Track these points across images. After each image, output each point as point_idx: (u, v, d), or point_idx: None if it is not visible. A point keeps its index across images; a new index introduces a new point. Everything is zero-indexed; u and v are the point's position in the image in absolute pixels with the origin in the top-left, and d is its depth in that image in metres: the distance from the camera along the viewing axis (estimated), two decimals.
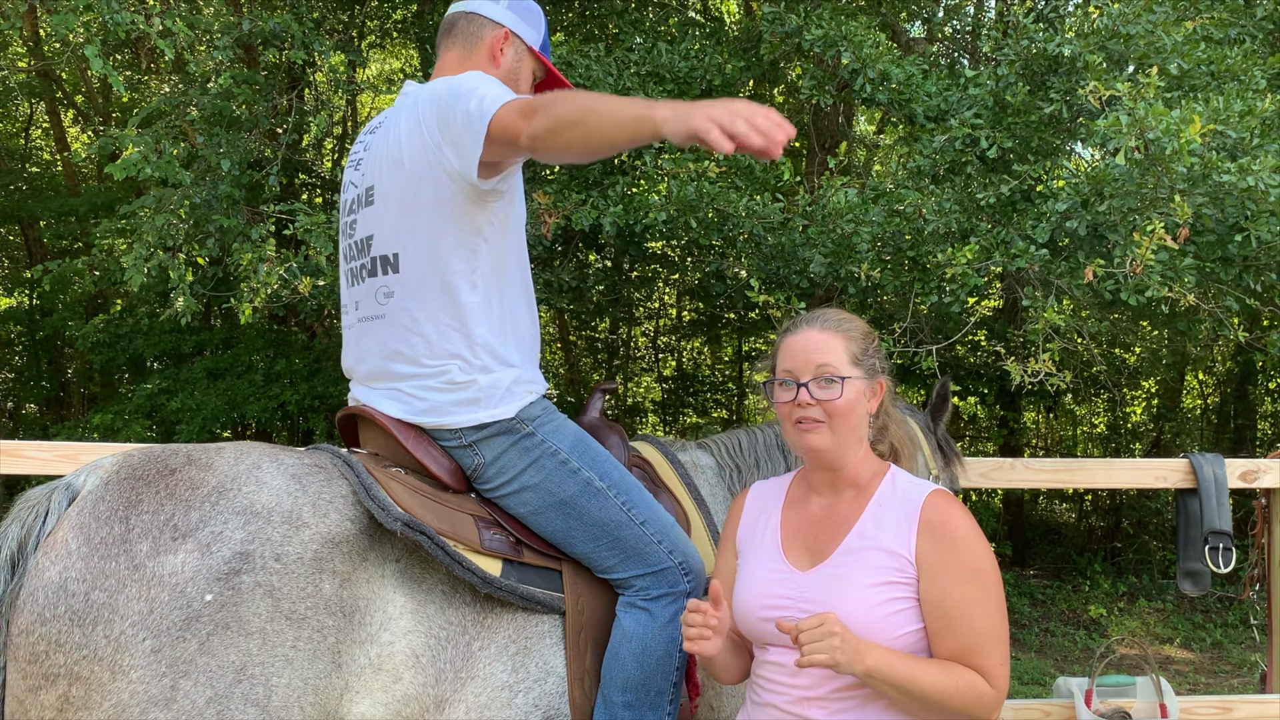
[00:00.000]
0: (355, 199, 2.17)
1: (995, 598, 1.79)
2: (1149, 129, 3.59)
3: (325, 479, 1.85)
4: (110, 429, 7.82)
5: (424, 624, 1.85)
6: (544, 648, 1.96)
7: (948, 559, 1.78)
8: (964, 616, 1.77)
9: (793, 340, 1.91)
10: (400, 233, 2.03)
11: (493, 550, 1.95)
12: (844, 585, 1.80)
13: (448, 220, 1.99)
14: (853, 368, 1.87)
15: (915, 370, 6.33)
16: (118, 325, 8.71)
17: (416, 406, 2.02)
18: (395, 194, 2.03)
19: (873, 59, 5.00)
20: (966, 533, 1.79)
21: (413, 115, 2.01)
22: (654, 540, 2.04)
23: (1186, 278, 4.03)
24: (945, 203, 4.63)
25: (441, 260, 2.01)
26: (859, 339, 1.91)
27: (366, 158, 2.15)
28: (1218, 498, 2.99)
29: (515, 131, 1.83)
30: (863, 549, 1.83)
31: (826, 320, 1.93)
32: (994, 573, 1.79)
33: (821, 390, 1.84)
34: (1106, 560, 9.11)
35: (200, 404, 7.79)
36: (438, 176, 1.97)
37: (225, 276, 6.64)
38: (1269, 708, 3.00)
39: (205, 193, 5.84)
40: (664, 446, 2.38)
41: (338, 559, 1.77)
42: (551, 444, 2.04)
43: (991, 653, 1.77)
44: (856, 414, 1.87)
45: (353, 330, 2.15)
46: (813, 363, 1.86)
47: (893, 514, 1.84)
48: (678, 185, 4.71)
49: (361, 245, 2.13)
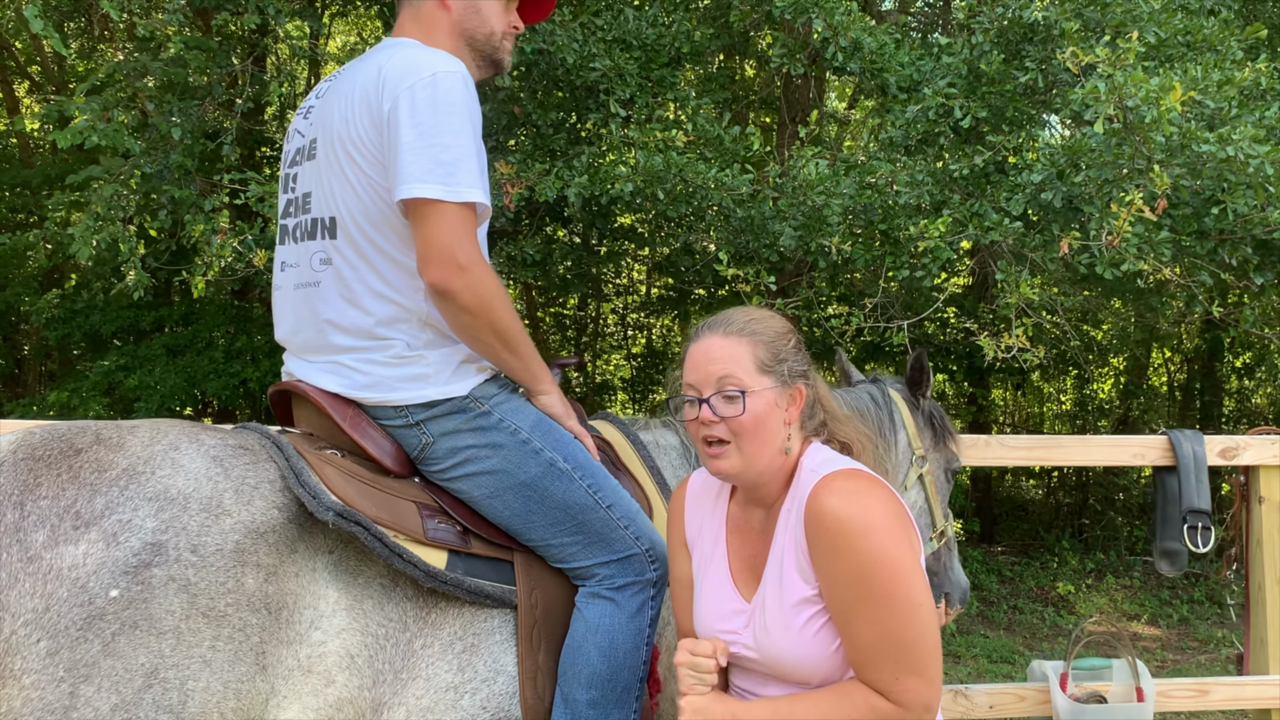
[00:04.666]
0: (299, 150, 2.01)
1: (886, 602, 1.53)
2: (1128, 97, 3.50)
3: (250, 462, 1.69)
4: (67, 407, 7.63)
5: (360, 621, 1.70)
6: (493, 645, 1.82)
7: (826, 562, 1.57)
8: (847, 626, 1.57)
9: (694, 350, 1.71)
10: (339, 195, 1.88)
11: (437, 541, 1.80)
12: (770, 615, 1.64)
13: (383, 188, 1.85)
14: (761, 376, 1.66)
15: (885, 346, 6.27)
16: (72, 300, 8.47)
17: (358, 381, 1.87)
18: (337, 154, 1.88)
19: (844, 26, 4.87)
20: (847, 529, 1.54)
21: (373, 90, 1.85)
22: (620, 525, 1.92)
23: (1162, 251, 3.96)
24: (918, 175, 4.53)
25: (381, 227, 1.86)
26: (768, 343, 1.69)
27: (318, 107, 1.99)
28: (1197, 475, 2.91)
29: (443, 258, 1.79)
30: (780, 565, 1.66)
31: (730, 324, 1.70)
32: (889, 573, 1.53)
33: (725, 406, 1.64)
34: (1074, 537, 9.13)
35: (159, 381, 7.61)
36: (373, 156, 1.86)
37: (181, 249, 6.44)
38: (1245, 689, 2.94)
39: (157, 163, 5.64)
40: (625, 425, 2.25)
41: (263, 551, 1.62)
42: (511, 423, 1.90)
43: (882, 667, 1.54)
44: (768, 429, 1.66)
45: (286, 294, 2.00)
46: (713, 375, 1.66)
47: (794, 513, 1.66)
48: (645, 155, 4.57)
49: (300, 202, 1.98)
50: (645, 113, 5.05)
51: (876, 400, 2.59)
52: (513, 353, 1.91)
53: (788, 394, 1.70)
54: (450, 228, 1.79)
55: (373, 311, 1.86)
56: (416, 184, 1.78)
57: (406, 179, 1.78)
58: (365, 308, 1.86)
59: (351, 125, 1.86)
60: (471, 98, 1.87)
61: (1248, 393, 11.02)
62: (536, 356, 1.95)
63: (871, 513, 1.56)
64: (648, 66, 5.29)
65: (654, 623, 1.93)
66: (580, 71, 5.10)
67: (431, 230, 1.79)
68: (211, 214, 5.30)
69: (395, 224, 1.86)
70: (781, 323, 1.75)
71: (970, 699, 2.86)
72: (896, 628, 1.54)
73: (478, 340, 1.87)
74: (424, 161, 1.78)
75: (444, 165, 1.78)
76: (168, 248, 6.63)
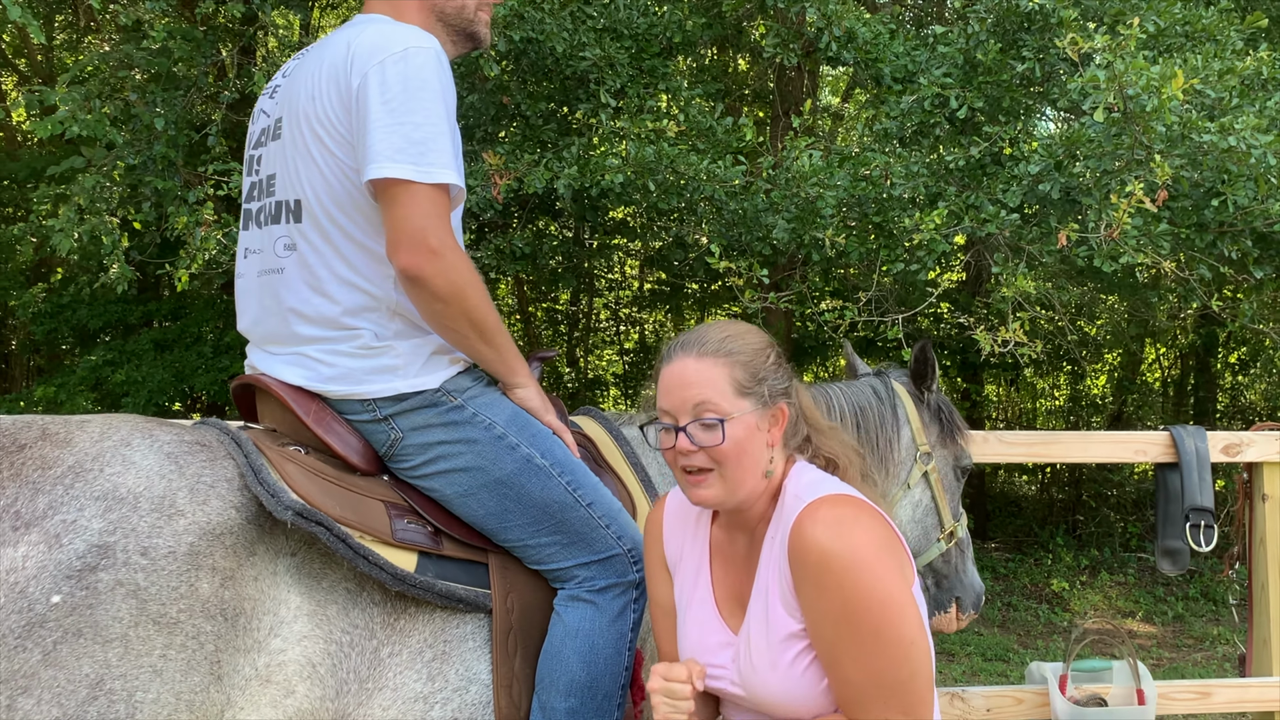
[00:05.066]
0: (264, 130, 1.92)
1: (875, 641, 1.42)
2: (1128, 85, 3.42)
3: (207, 459, 1.60)
4: (54, 402, 7.56)
5: (323, 628, 1.60)
6: (465, 652, 1.72)
7: (811, 598, 1.47)
8: (834, 665, 1.47)
9: (667, 373, 1.59)
10: (304, 177, 1.79)
11: (406, 542, 1.71)
12: (756, 650, 1.54)
13: (350, 169, 1.76)
14: (739, 400, 1.55)
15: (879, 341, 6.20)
16: (59, 295, 8.40)
17: (323, 373, 1.77)
18: (303, 133, 1.79)
19: (838, 16, 4.79)
20: (832, 563, 1.43)
21: (342, 66, 1.76)
22: (600, 524, 1.82)
23: (1162, 244, 3.89)
24: (913, 166, 4.45)
25: (345, 212, 1.77)
26: (745, 362, 1.57)
27: (284, 85, 1.90)
28: (1199, 472, 2.83)
29: (414, 241, 1.69)
30: (765, 598, 1.56)
31: (705, 344, 1.57)
32: (878, 610, 1.42)
33: (703, 433, 1.53)
34: (1068, 533, 9.08)
35: (147, 376, 7.56)
36: (340, 135, 1.77)
37: (168, 243, 6.35)
38: (1248, 691, 2.87)
39: (140, 154, 5.55)
40: (608, 421, 2.15)
41: (219, 553, 1.52)
42: (485, 417, 1.81)
43: (871, 708, 1.44)
44: (750, 454, 1.55)
45: (248, 282, 1.90)
46: (689, 401, 1.54)
47: (778, 544, 1.55)
48: (636, 146, 4.48)
49: (264, 185, 1.88)
50: (636, 103, 4.97)
51: (880, 394, 2.48)
52: (488, 343, 1.82)
53: (769, 415, 1.59)
54: (422, 210, 1.69)
55: (339, 300, 1.77)
56: (386, 163, 1.68)
57: (375, 158, 1.69)
58: (331, 295, 1.77)
59: (318, 102, 1.76)
60: (445, 75, 1.78)
61: (1242, 388, 10.98)
62: (513, 348, 1.87)
63: (858, 545, 1.45)
64: (639, 56, 5.21)
65: (636, 626, 1.84)
66: (570, 61, 5.01)
67: (401, 212, 1.69)
68: (196, 206, 5.21)
69: (364, 207, 1.76)
70: (759, 337, 1.63)
71: (967, 702, 2.78)
72: (886, 668, 1.43)
73: (451, 330, 1.78)
74: (394, 140, 1.68)
75: (415, 144, 1.69)
76: (152, 241, 6.54)
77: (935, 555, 2.51)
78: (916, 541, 2.50)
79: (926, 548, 2.50)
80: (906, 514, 2.47)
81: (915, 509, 2.48)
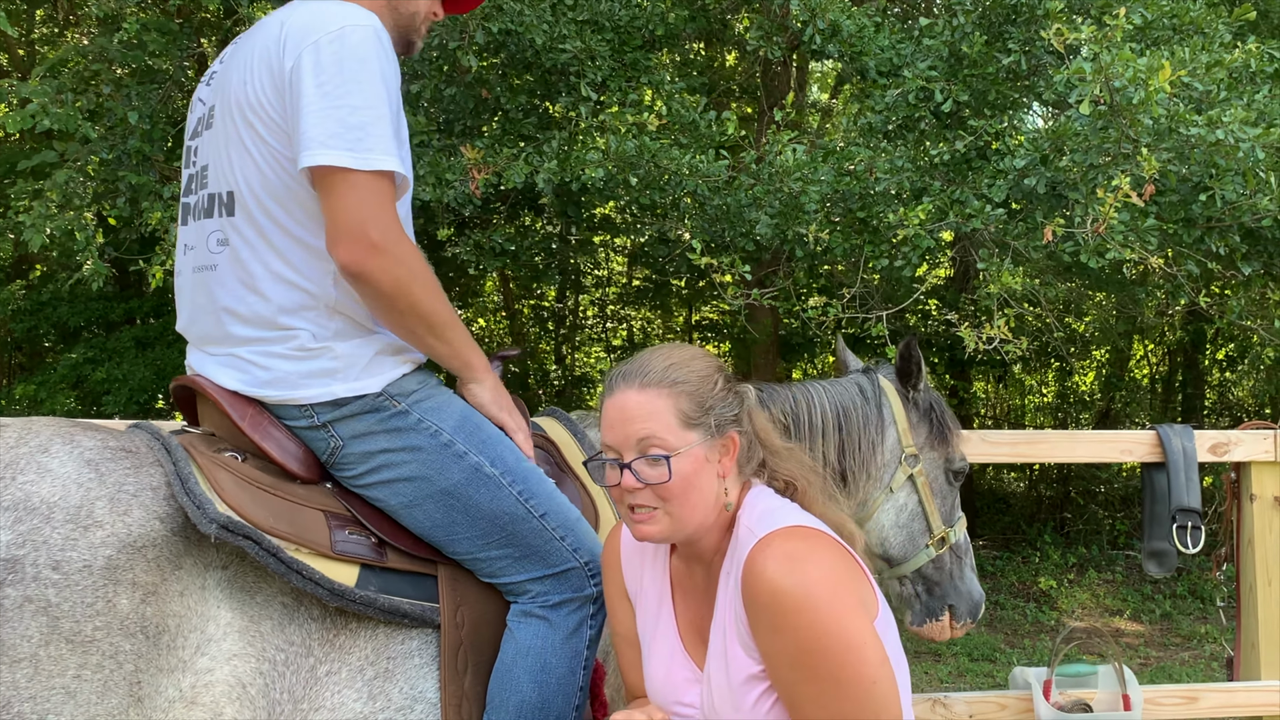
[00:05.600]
0: (199, 120, 1.82)
1: (834, 684, 1.35)
2: (1115, 77, 3.35)
3: (132, 466, 1.51)
4: (34, 400, 7.47)
5: (255, 646, 1.51)
6: (410, 669, 1.63)
7: (765, 638, 1.39)
8: (794, 709, 1.39)
9: (609, 407, 1.50)
10: (237, 167, 1.69)
11: (346, 554, 1.61)
12: (718, 692, 1.46)
13: (284, 157, 1.66)
14: (686, 432, 1.46)
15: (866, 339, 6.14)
16: (38, 292, 8.30)
17: (259, 377, 1.68)
18: (235, 120, 1.69)
19: (822, 8, 4.71)
20: (785, 603, 1.35)
21: (274, 48, 1.66)
22: (555, 536, 1.73)
23: (1149, 239, 3.83)
24: (898, 160, 4.39)
25: (280, 204, 1.67)
26: (691, 392, 1.48)
27: (220, 72, 1.80)
28: (1186, 472, 2.76)
29: (353, 234, 1.59)
30: (723, 638, 1.48)
31: (648, 375, 1.48)
32: (836, 650, 1.34)
33: (649, 469, 1.45)
34: (1056, 531, 9.04)
35: (128, 374, 7.48)
36: (273, 121, 1.67)
37: (147, 239, 6.25)
38: (1236, 696, 2.81)
39: (115, 149, 5.45)
40: (572, 424, 2.06)
41: (140, 567, 1.43)
42: (430, 424, 1.71)
43: None
44: (697, 489, 1.46)
45: (184, 279, 1.81)
46: (632, 437, 1.46)
47: (733, 580, 1.47)
48: (617, 140, 4.40)
49: (199, 176, 1.79)
50: (618, 96, 4.89)
51: (865, 393, 2.38)
52: (439, 338, 1.72)
53: (719, 445, 1.50)
54: (361, 200, 1.59)
55: (273, 298, 1.67)
56: (319, 150, 1.58)
57: (309, 144, 1.58)
58: (265, 293, 1.67)
59: (249, 87, 1.66)
60: (386, 54, 1.67)
61: (1229, 385, 10.97)
62: (469, 342, 1.77)
63: (812, 580, 1.36)
64: (620, 49, 5.13)
65: (594, 643, 1.75)
66: (550, 53, 4.92)
67: (339, 203, 1.59)
68: (171, 201, 5.12)
69: (301, 198, 1.66)
70: (706, 363, 1.54)
71: (950, 708, 2.71)
72: (849, 710, 1.35)
73: (400, 326, 1.69)
74: (328, 124, 1.58)
75: (352, 129, 1.59)
76: (128, 237, 6.43)
77: (924, 561, 2.41)
78: (902, 547, 2.41)
79: (914, 554, 2.41)
80: (890, 519, 2.38)
81: (900, 513, 2.39)
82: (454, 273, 7.56)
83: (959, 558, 2.46)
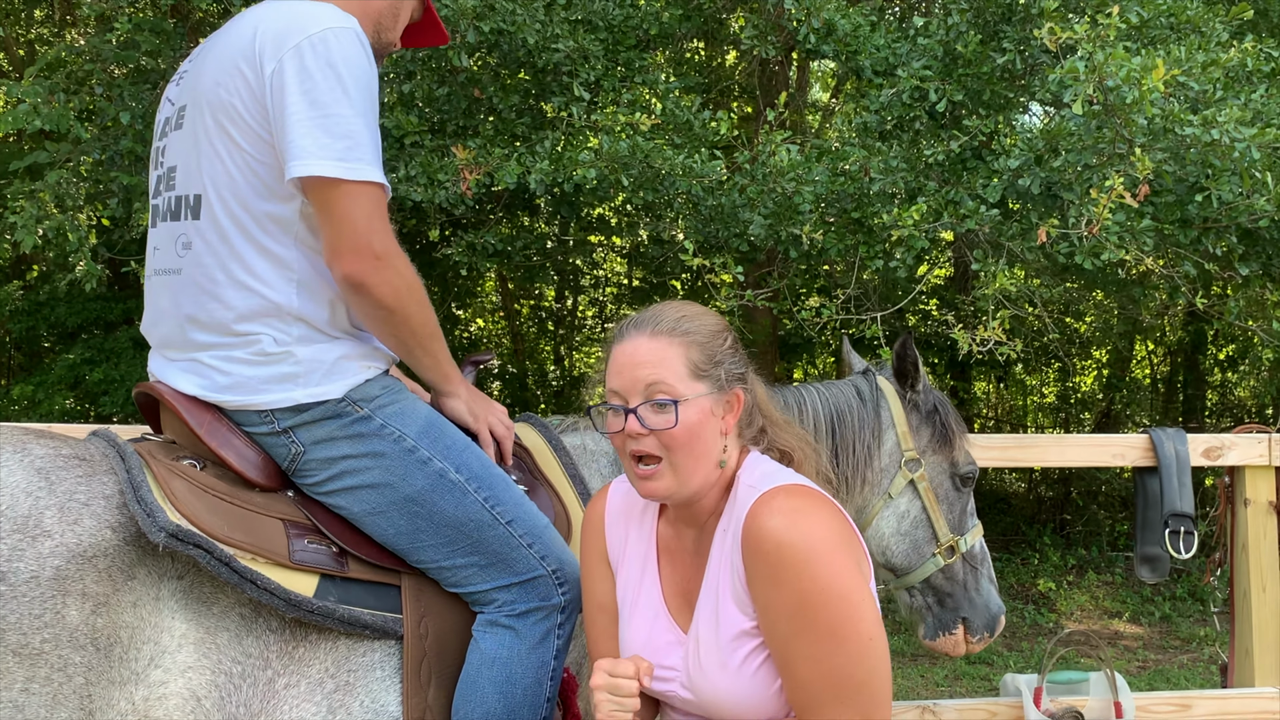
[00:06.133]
0: (168, 120, 1.79)
1: (831, 638, 1.35)
2: (1109, 76, 3.31)
3: (83, 475, 1.47)
4: (32, 401, 7.45)
5: (210, 658, 1.48)
6: (372, 682, 1.59)
7: (765, 590, 1.39)
8: (787, 664, 1.38)
9: (618, 352, 1.51)
10: (205, 170, 1.66)
11: (305, 564, 1.58)
12: (705, 650, 1.45)
13: (256, 160, 1.63)
14: (694, 382, 1.47)
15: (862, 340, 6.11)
16: (35, 292, 8.29)
17: (218, 382, 1.65)
18: (205, 122, 1.66)
19: (817, 7, 4.68)
20: (787, 554, 1.36)
21: (249, 49, 1.63)
22: (522, 544, 1.70)
23: (1144, 240, 3.79)
24: (892, 160, 4.35)
25: (247, 209, 1.64)
26: (702, 343, 1.50)
27: (191, 71, 1.77)
28: (1179, 477, 2.73)
29: (357, 247, 1.59)
30: (715, 594, 1.47)
31: (660, 322, 1.50)
32: (835, 604, 1.35)
33: (655, 416, 1.45)
34: (1055, 532, 9.00)
35: (125, 375, 7.47)
36: (246, 124, 1.64)
37: (142, 239, 6.24)
38: (1229, 703, 2.77)
39: (107, 149, 5.44)
40: (547, 429, 2.02)
41: (90, 578, 1.40)
42: (394, 429, 1.68)
43: (826, 710, 1.35)
44: (703, 440, 1.46)
45: (150, 283, 1.78)
46: (641, 381, 1.46)
47: (730, 534, 1.47)
48: (610, 141, 4.37)
49: (166, 178, 1.76)
50: (612, 96, 4.86)
51: (863, 395, 2.30)
52: (425, 350, 1.72)
53: (724, 400, 1.50)
54: (364, 212, 1.58)
55: (233, 305, 1.65)
56: (313, 160, 1.57)
57: (300, 154, 1.56)
58: (225, 300, 1.65)
59: (223, 89, 1.63)
60: (368, 59, 1.65)
61: (1230, 385, 10.92)
62: (448, 354, 1.77)
63: (815, 536, 1.37)
64: (614, 49, 5.10)
65: (561, 654, 1.72)
66: (543, 53, 4.89)
67: (342, 216, 1.58)
68: None
69: (270, 206, 1.64)
70: (716, 319, 1.55)
71: (939, 716, 2.68)
72: (843, 665, 1.35)
73: (390, 336, 1.69)
74: (317, 135, 1.56)
75: (341, 139, 1.58)
76: (123, 238, 6.42)
77: (932, 571, 2.31)
78: (905, 556, 2.31)
79: (919, 563, 2.31)
80: (890, 526, 2.29)
81: (901, 521, 2.29)
82: (450, 274, 7.54)
83: (974, 567, 2.36)
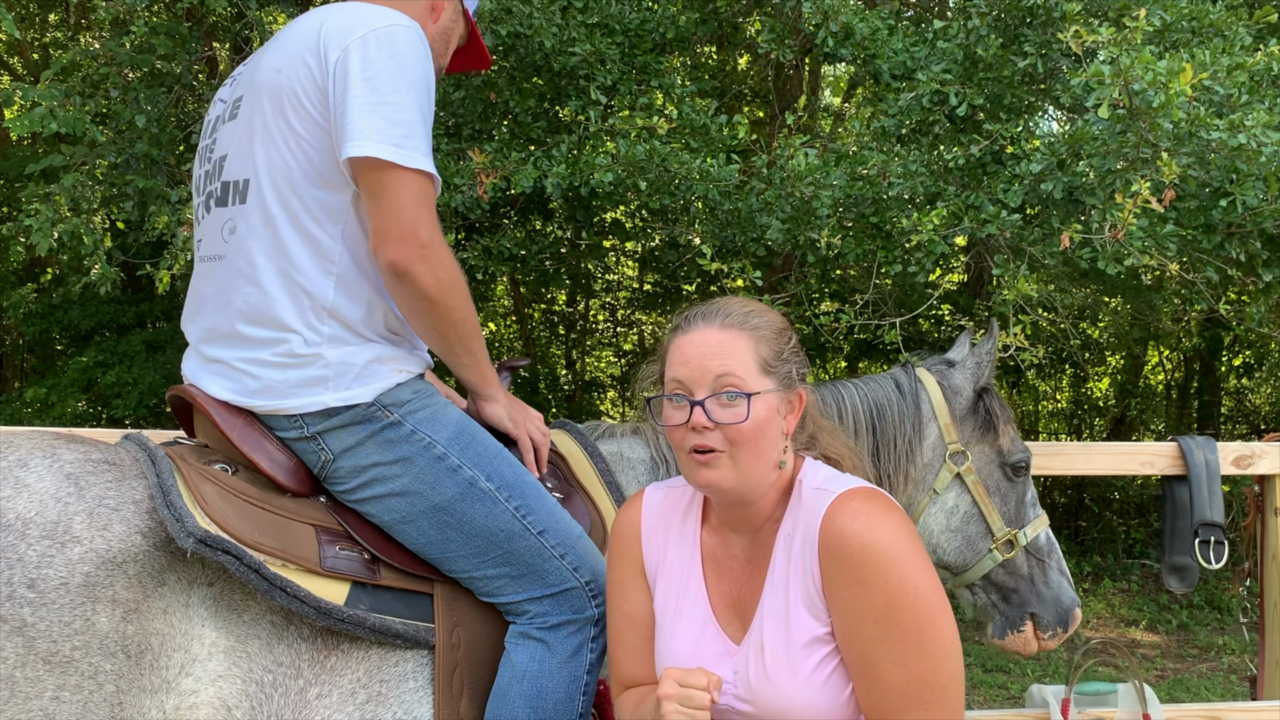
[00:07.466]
0: (219, 116, 1.79)
1: (918, 641, 1.33)
2: (1134, 80, 3.28)
3: (114, 480, 1.45)
4: (45, 403, 7.48)
5: (242, 666, 1.45)
6: (405, 693, 1.57)
7: (848, 593, 1.35)
8: (869, 668, 1.35)
9: (685, 342, 1.47)
10: (259, 155, 1.65)
11: (336, 571, 1.55)
12: (771, 658, 1.41)
13: (311, 147, 1.62)
14: (763, 378, 1.43)
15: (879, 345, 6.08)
16: (49, 295, 8.33)
17: (248, 386, 1.63)
18: (264, 107, 1.66)
19: (835, 10, 4.66)
20: (873, 555, 1.34)
21: (314, 40, 1.64)
22: (555, 554, 1.66)
23: (1168, 245, 3.76)
24: (911, 165, 4.32)
25: (297, 194, 1.63)
26: (771, 339, 1.46)
27: (246, 70, 1.78)
28: (1209, 485, 2.69)
29: (405, 233, 1.57)
30: (784, 600, 1.43)
31: (729, 315, 1.47)
32: (921, 607, 1.33)
33: (723, 410, 1.40)
34: (1071, 539, 8.95)
35: (138, 377, 7.51)
36: (306, 111, 1.64)
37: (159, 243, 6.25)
38: (1259, 716, 2.73)
39: (122, 152, 5.45)
40: (583, 436, 1.98)
41: (120, 584, 1.38)
42: (424, 435, 1.65)
43: (906, 715, 1.33)
44: (767, 438, 1.42)
45: (196, 271, 1.78)
46: (711, 372, 1.42)
47: (800, 538, 1.42)
48: (626, 144, 4.35)
49: (216, 167, 1.75)
50: (628, 100, 4.84)
51: (902, 387, 2.24)
52: (466, 348, 1.70)
53: (788, 400, 1.47)
54: (413, 199, 1.57)
55: (271, 292, 1.63)
56: (370, 143, 1.56)
57: (357, 135, 1.55)
58: (262, 285, 1.63)
59: (284, 75, 1.63)
60: (429, 58, 1.66)
61: (1246, 392, 10.84)
62: (487, 356, 1.75)
63: (898, 537, 1.36)
64: (631, 53, 5.08)
65: (594, 668, 1.69)
66: (559, 56, 4.89)
67: (392, 201, 1.56)
68: (179, 205, 5.11)
69: (322, 194, 1.62)
70: (780, 318, 1.53)
71: None
72: (929, 670, 1.33)
73: (432, 330, 1.67)
74: (376, 120, 1.56)
75: (399, 126, 1.57)
76: (137, 241, 6.43)
77: (991, 567, 2.23)
78: (959, 553, 2.23)
79: (974, 560, 2.23)
80: (939, 523, 2.21)
81: (950, 517, 2.22)
82: None
83: (1039, 560, 2.27)
